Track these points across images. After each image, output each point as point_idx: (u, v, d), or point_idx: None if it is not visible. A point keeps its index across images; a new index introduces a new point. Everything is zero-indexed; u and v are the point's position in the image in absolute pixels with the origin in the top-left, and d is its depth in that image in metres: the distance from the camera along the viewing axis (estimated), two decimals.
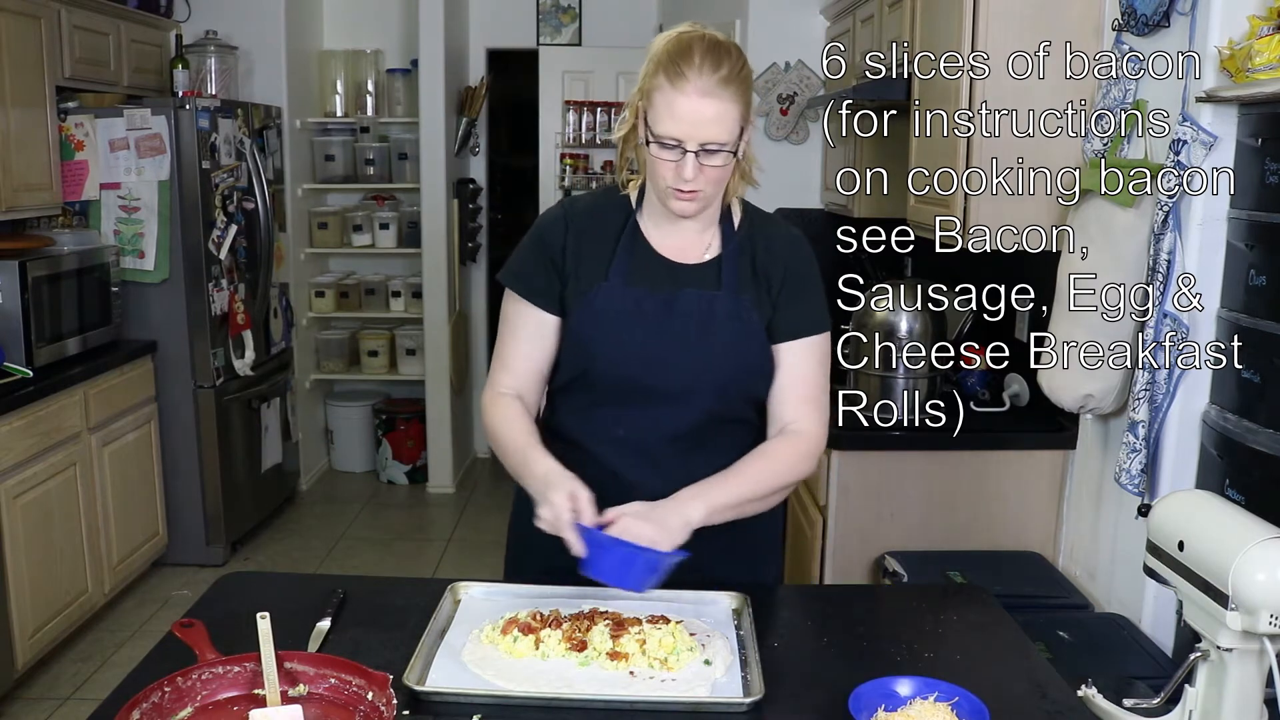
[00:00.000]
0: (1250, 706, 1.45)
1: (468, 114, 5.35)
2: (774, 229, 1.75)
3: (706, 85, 1.53)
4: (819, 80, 4.26)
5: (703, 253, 1.70)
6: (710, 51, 1.55)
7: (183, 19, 4.72)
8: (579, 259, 1.69)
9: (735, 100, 1.55)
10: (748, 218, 1.74)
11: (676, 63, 1.54)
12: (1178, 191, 2.04)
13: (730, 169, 1.61)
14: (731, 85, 1.54)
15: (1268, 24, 1.86)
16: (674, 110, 1.54)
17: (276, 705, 1.28)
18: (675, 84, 1.54)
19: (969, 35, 2.49)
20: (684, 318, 1.65)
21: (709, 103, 1.53)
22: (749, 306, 1.68)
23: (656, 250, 1.70)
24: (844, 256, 4.24)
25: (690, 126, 1.54)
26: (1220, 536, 1.43)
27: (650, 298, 1.66)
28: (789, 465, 1.69)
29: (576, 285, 1.68)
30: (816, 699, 1.37)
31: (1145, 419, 2.11)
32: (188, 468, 4.23)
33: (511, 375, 1.73)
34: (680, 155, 1.55)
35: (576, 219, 1.72)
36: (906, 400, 2.82)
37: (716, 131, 1.54)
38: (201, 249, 4.14)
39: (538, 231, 1.73)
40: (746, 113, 1.59)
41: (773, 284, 1.70)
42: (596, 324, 1.66)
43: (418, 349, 5.41)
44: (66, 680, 3.39)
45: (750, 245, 1.71)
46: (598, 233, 1.70)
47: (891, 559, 2.57)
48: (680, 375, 1.65)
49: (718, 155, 1.56)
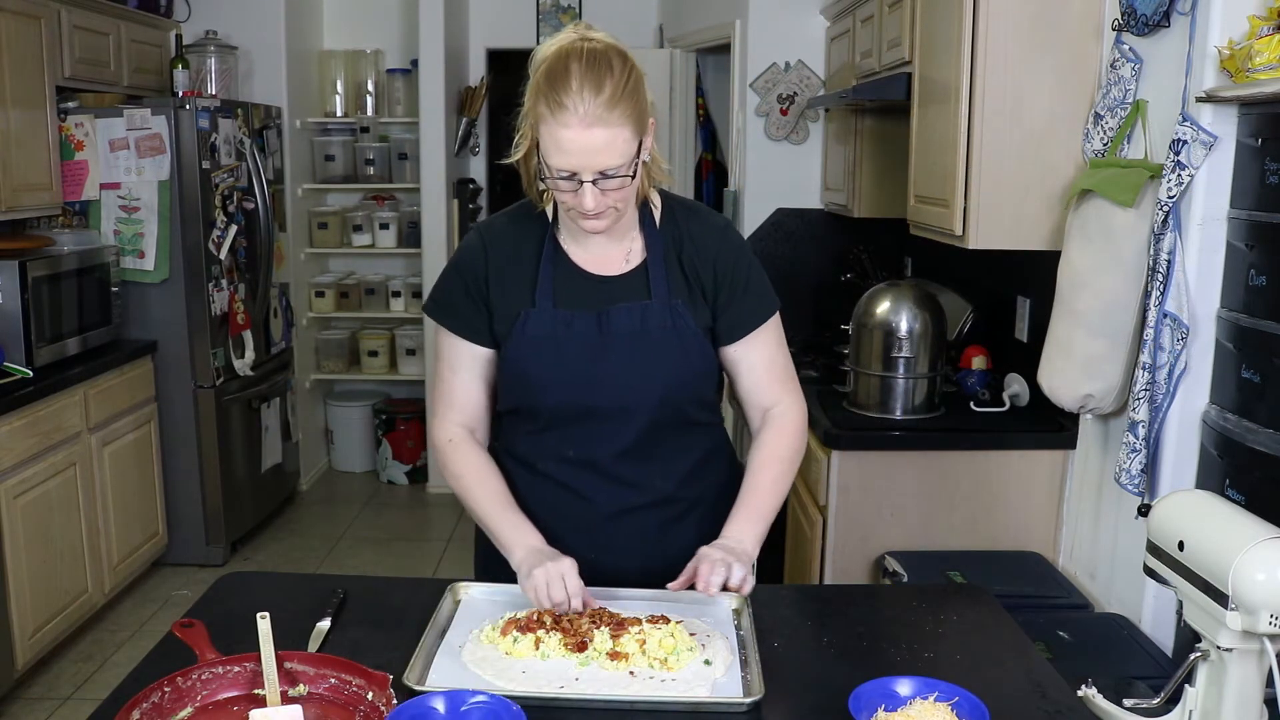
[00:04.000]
0: (1250, 707, 1.44)
1: (468, 114, 5.35)
2: (697, 223, 1.69)
3: (590, 113, 1.44)
4: (819, 80, 4.26)
5: (626, 262, 1.66)
6: (589, 71, 1.45)
7: (183, 19, 4.72)
8: (502, 287, 1.65)
9: (625, 120, 1.46)
10: (668, 213, 1.69)
11: (555, 90, 1.45)
12: (1178, 191, 2.04)
13: (634, 185, 1.55)
14: (618, 106, 1.45)
15: (1268, 24, 1.86)
16: (560, 144, 1.46)
17: (276, 705, 1.28)
18: (557, 116, 1.45)
19: (969, 35, 2.49)
20: (617, 334, 1.62)
21: (596, 132, 1.44)
22: (682, 311, 1.64)
23: (579, 266, 1.65)
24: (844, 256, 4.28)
25: (580, 158, 1.46)
26: (1220, 536, 1.43)
27: (580, 317, 1.62)
28: (792, 453, 1.72)
29: (504, 313, 1.64)
30: (816, 699, 1.37)
31: (1145, 419, 2.11)
32: (188, 468, 4.23)
33: (458, 411, 1.71)
34: (577, 186, 1.49)
35: (494, 244, 1.67)
36: (906, 400, 2.82)
37: (608, 158, 1.47)
38: (201, 249, 4.14)
39: (457, 262, 1.69)
40: (640, 124, 1.50)
41: (705, 283, 1.66)
42: (530, 351, 1.62)
43: (418, 349, 5.41)
44: (66, 680, 3.39)
45: (676, 244, 1.66)
46: (518, 256, 1.66)
47: (891, 559, 2.57)
48: (620, 392, 1.63)
49: (615, 179, 1.49)
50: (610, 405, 1.64)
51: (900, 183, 3.17)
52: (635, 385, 1.63)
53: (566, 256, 1.66)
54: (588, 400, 1.64)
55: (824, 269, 4.27)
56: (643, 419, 1.65)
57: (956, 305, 3.37)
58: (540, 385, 1.64)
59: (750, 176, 4.36)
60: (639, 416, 1.65)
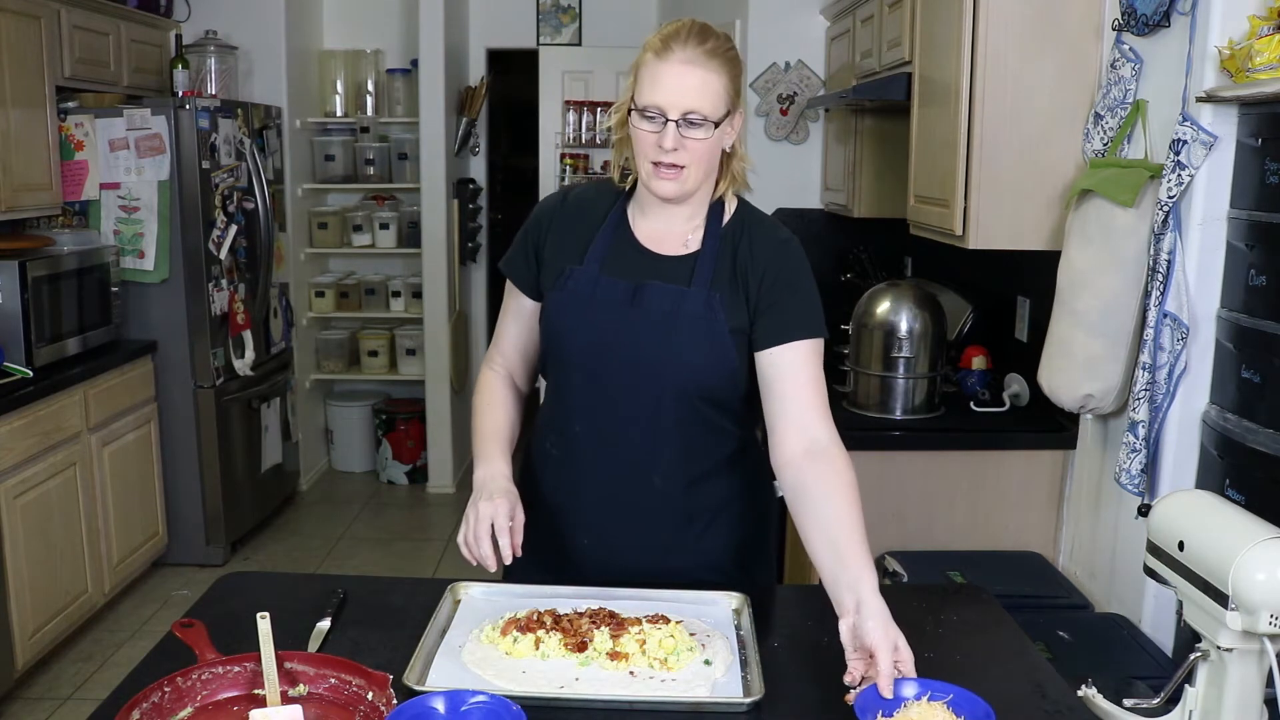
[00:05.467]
0: (1250, 706, 1.44)
1: (468, 114, 5.36)
2: (763, 230, 1.70)
3: (691, 55, 1.54)
4: (819, 80, 4.26)
5: (683, 245, 1.68)
6: (700, 29, 1.57)
7: (183, 19, 4.72)
8: (558, 244, 1.71)
9: (720, 72, 1.56)
10: (739, 216, 1.71)
11: (665, 39, 1.57)
12: (1178, 191, 2.04)
13: (714, 149, 1.60)
14: (716, 58, 1.55)
15: (1268, 24, 1.86)
16: (657, 79, 1.55)
17: (276, 705, 1.28)
18: (661, 56, 1.55)
19: (969, 35, 2.49)
20: (647, 309, 1.64)
21: (692, 70, 1.54)
22: (718, 305, 1.63)
23: (636, 237, 1.69)
24: (844, 256, 4.27)
25: (672, 94, 1.54)
26: (1220, 536, 1.43)
27: (617, 285, 1.66)
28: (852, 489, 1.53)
29: (552, 268, 1.71)
30: (816, 699, 1.37)
31: (1145, 419, 2.11)
32: (188, 468, 4.23)
33: (501, 355, 1.82)
34: (661, 125, 1.55)
35: (570, 203, 1.75)
36: (906, 400, 2.82)
37: (698, 101, 1.54)
38: (201, 249, 4.14)
39: (533, 216, 1.78)
40: (735, 95, 1.59)
41: (750, 286, 1.64)
42: (564, 305, 1.68)
43: (418, 349, 5.41)
44: (66, 680, 3.39)
45: (734, 243, 1.67)
46: (585, 217, 1.72)
47: (891, 559, 2.56)
48: (636, 365, 1.65)
49: (699, 128, 1.55)
50: (624, 377, 1.65)
51: (900, 183, 3.17)
52: (652, 361, 1.64)
53: (629, 227, 1.71)
54: (604, 363, 1.66)
55: (824, 269, 4.27)
56: (657, 399, 1.66)
57: (956, 305, 3.36)
58: (566, 336, 1.68)
59: (750, 177, 4.35)
60: (653, 397, 1.66)
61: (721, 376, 1.66)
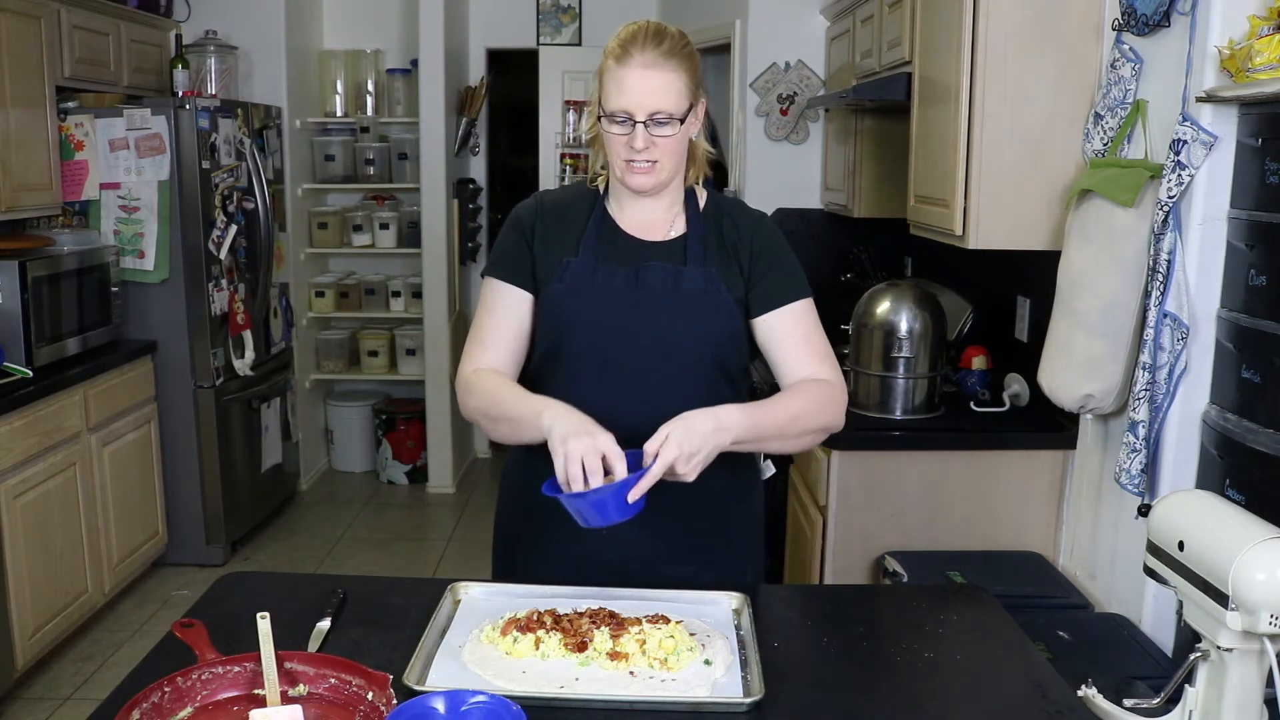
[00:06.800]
0: (1250, 706, 1.45)
1: (468, 114, 5.36)
2: (739, 210, 1.81)
3: (649, 58, 1.61)
4: (819, 80, 4.26)
5: (668, 231, 1.75)
6: (655, 31, 1.64)
7: (183, 19, 4.72)
8: (548, 240, 1.75)
9: (679, 70, 1.63)
10: (712, 200, 1.81)
11: (622, 44, 1.64)
12: (1178, 191, 2.04)
13: (683, 142, 1.68)
14: (674, 57, 1.62)
15: (1268, 24, 1.86)
16: (621, 85, 1.62)
17: (276, 705, 1.28)
18: (621, 61, 1.62)
19: (969, 35, 2.49)
20: (650, 289, 1.70)
21: (653, 74, 1.61)
22: (716, 278, 1.71)
23: (623, 229, 1.75)
24: (844, 256, 4.27)
25: (637, 96, 1.61)
26: (1220, 536, 1.43)
27: (618, 273, 1.71)
28: (819, 405, 1.67)
29: (547, 262, 1.73)
30: (816, 699, 1.37)
31: (1145, 419, 2.11)
32: (187, 468, 4.23)
33: (486, 350, 1.74)
34: (630, 128, 1.63)
35: (549, 205, 1.79)
36: (906, 400, 2.82)
37: (662, 101, 1.62)
38: (201, 249, 4.14)
39: (512, 217, 1.81)
40: (695, 88, 1.66)
41: (741, 257, 1.74)
42: (567, 295, 1.70)
43: (418, 349, 5.41)
44: (66, 680, 3.39)
45: (716, 222, 1.77)
46: (568, 216, 1.77)
47: (891, 559, 2.57)
48: (648, 343, 1.68)
49: (667, 126, 1.63)
50: (637, 358, 1.68)
51: (900, 183, 3.18)
52: (666, 335, 1.68)
53: (612, 220, 1.77)
54: (616, 346, 1.68)
55: (824, 269, 4.27)
56: (671, 379, 1.68)
57: (956, 305, 3.37)
58: (573, 324, 1.70)
59: (750, 176, 4.36)
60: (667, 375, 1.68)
61: (732, 343, 1.73)
